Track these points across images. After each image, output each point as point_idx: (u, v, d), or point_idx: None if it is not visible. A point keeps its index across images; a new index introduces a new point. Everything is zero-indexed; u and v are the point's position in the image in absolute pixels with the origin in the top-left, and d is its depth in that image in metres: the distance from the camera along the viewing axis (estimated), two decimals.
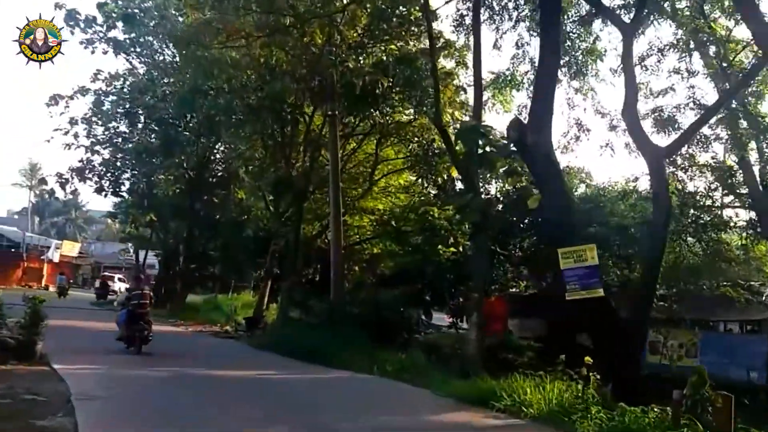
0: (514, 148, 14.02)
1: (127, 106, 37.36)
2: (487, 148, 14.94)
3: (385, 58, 22.95)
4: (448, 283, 20.63)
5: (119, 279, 60.26)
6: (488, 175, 19.09)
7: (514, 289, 25.03)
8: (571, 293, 11.41)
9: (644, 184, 22.87)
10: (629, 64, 15.18)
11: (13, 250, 49.83)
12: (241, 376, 14.94)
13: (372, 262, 32.67)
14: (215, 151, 38.36)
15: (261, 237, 38.09)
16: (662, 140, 20.90)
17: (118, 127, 39.75)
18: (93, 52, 35.74)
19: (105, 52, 36.05)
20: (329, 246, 34.08)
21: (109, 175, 42.45)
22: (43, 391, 10.67)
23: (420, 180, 29.66)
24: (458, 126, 21.58)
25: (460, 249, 20.22)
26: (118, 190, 44.36)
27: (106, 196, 45.87)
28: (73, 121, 37.05)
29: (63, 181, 37.78)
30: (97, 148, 39.34)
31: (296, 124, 26.94)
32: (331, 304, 21.07)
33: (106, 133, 39.54)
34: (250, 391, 12.95)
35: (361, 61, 23.33)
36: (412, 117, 26.76)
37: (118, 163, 42.81)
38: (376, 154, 28.91)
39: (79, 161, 37.75)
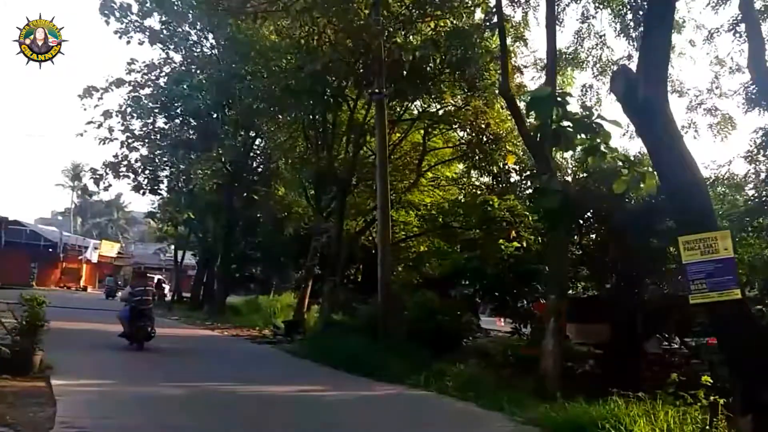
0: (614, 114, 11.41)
1: (163, 98, 35.39)
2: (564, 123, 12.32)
3: (434, 33, 20.39)
4: (510, 283, 17.88)
5: (159, 280, 58.91)
6: (561, 155, 16.35)
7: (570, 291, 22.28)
8: (697, 295, 8.60)
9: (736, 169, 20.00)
10: (751, 10, 12.42)
11: (51, 250, 48.48)
12: (275, 395, 12.47)
13: (418, 261, 30.16)
14: (255, 146, 36.23)
15: (302, 236, 36.20)
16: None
17: (155, 122, 37.91)
18: (128, 43, 33.85)
19: (141, 43, 34.06)
20: (373, 244, 31.84)
21: (147, 172, 41.02)
22: (22, 419, 8.39)
23: (471, 171, 27.02)
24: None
25: (524, 244, 17.50)
26: (156, 188, 42.84)
27: (144, 194, 44.36)
28: (107, 114, 35.06)
29: (97, 177, 35.82)
30: (135, 144, 37.40)
31: (339, 109, 24.50)
32: (378, 307, 18.48)
33: (144, 129, 37.67)
34: (285, 417, 10.43)
35: (410, 38, 20.82)
36: (463, 101, 24.23)
37: (156, 160, 41.35)
38: (424, 142, 26.40)
39: (114, 156, 35.79)
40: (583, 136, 12.22)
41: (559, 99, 12.15)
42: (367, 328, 18.37)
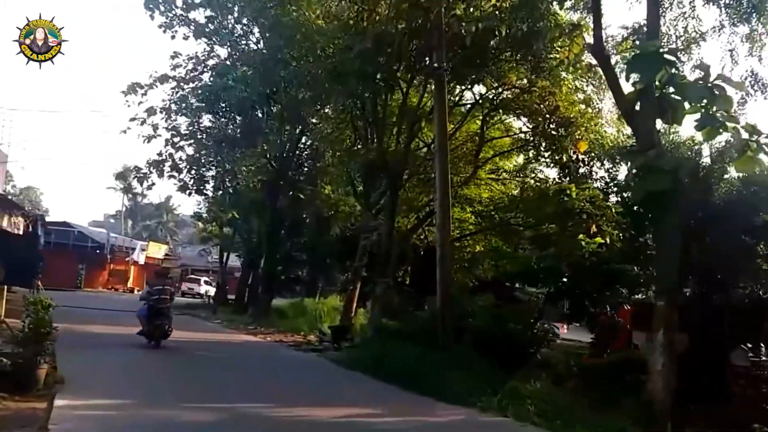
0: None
1: (207, 94, 33.71)
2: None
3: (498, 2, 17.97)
4: (591, 285, 15.26)
5: (205, 282, 57.61)
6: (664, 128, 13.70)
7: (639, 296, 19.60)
8: None
9: None
10: None
11: (98, 251, 47.38)
12: (320, 421, 10.20)
13: (472, 262, 27.79)
14: (300, 144, 34.24)
15: (348, 236, 34.38)
16: None
17: (200, 120, 36.35)
18: (173, 37, 32.26)
19: (186, 37, 32.51)
20: (423, 243, 29.47)
21: (193, 172, 39.91)
22: None
23: (536, 161, 24.49)
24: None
25: (606, 240, 14.93)
26: (202, 188, 41.61)
27: (190, 194, 43.23)
28: (151, 111, 33.44)
29: (141, 176, 34.30)
30: (181, 143, 35.78)
31: (390, 93, 22.24)
32: (437, 312, 16.12)
33: (190, 128, 36.10)
34: None
35: (471, 10, 18.45)
36: (527, 83, 21.77)
37: (202, 160, 40.15)
38: (482, 132, 23.99)
39: (158, 154, 34.23)
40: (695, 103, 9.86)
41: (667, 57, 9.68)
42: (423, 336, 16.03)
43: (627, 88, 11.35)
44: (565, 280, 15.22)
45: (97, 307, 28.68)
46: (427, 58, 18.50)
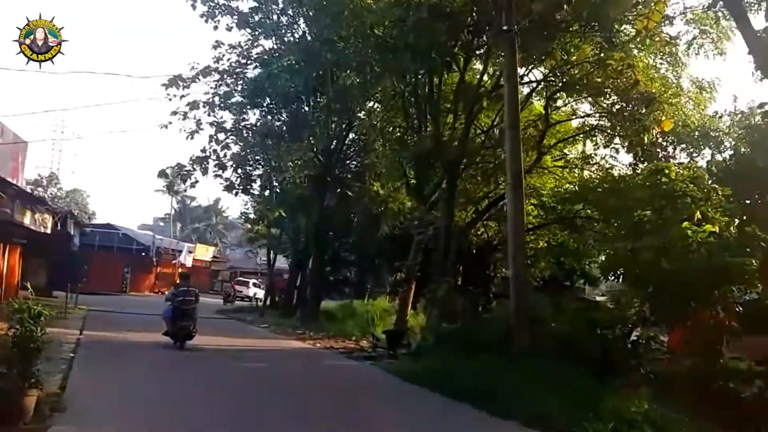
0: None
1: (252, 86, 31.87)
2: None
3: None
4: (698, 283, 12.56)
5: (254, 284, 56.03)
6: None
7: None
8: None
9: None
10: None
11: (143, 254, 46.10)
12: None
13: (534, 259, 25.39)
14: (348, 138, 32.12)
15: (398, 234, 32.38)
16: None
17: (245, 116, 34.59)
18: (216, 28, 30.54)
19: (229, 28, 30.78)
20: (480, 239, 27.08)
21: (239, 171, 38.54)
22: None
23: (607, 146, 21.91)
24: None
25: (716, 228, 12.33)
26: (248, 187, 40.07)
27: (236, 194, 41.75)
28: (194, 105, 31.66)
29: (184, 173, 32.53)
30: (226, 141, 33.96)
31: (447, 71, 19.91)
32: (511, 316, 13.72)
33: (235, 126, 34.35)
34: None
35: None
36: (597, 60, 19.23)
37: (249, 158, 38.68)
38: (546, 113, 21.52)
39: (201, 151, 32.48)
40: None
41: None
42: (495, 344, 13.64)
43: None
44: (664, 277, 12.58)
45: (133, 311, 27.09)
46: (488, 27, 16.08)
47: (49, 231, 18.26)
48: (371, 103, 24.70)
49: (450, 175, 19.37)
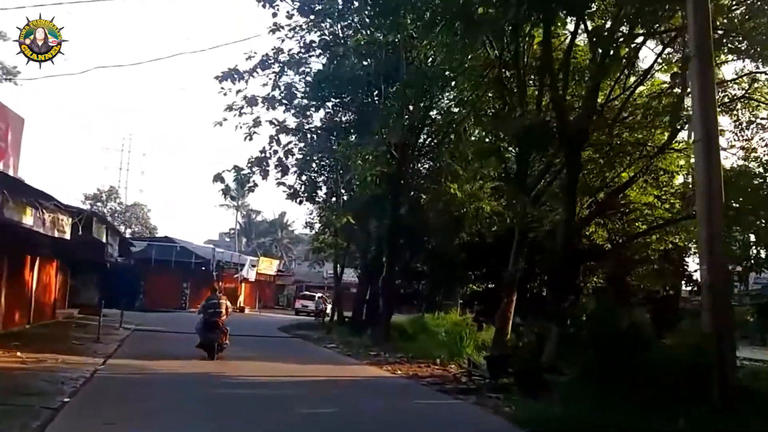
0: None
1: (316, 78, 27.85)
2: None
3: None
4: None
5: (320, 298, 52.04)
6: None
7: None
8: None
9: None
10: None
11: (203, 268, 42.46)
12: None
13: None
14: (424, 132, 27.54)
15: (475, 242, 29.29)
16: None
17: (309, 120, 30.73)
18: (275, 15, 26.66)
19: (290, 15, 26.86)
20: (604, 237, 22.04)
21: (303, 177, 35.12)
22: None
23: None
24: None
25: None
26: (313, 194, 36.37)
27: (300, 202, 38.10)
28: (252, 101, 27.64)
29: (242, 177, 28.49)
30: (289, 144, 29.91)
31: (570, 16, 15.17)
32: (706, 340, 8.79)
33: (298, 129, 30.45)
34: None
35: None
36: None
37: (313, 164, 35.06)
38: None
39: (260, 151, 28.51)
40: None
41: None
42: (680, 386, 8.75)
43: None
44: None
45: (183, 331, 23.30)
46: None
47: (68, 236, 14.05)
48: (455, 82, 20.09)
49: (571, 153, 14.55)
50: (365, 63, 24.23)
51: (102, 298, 33.34)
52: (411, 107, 24.08)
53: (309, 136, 32.77)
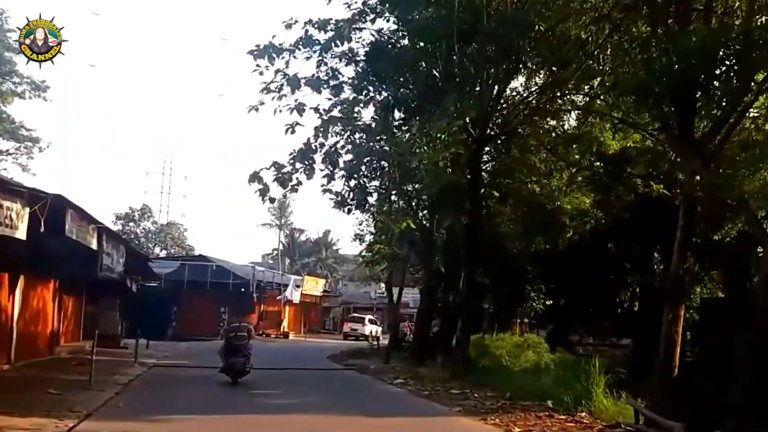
0: None
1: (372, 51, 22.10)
2: None
3: None
4: None
5: (370, 321, 46.26)
6: None
7: None
8: None
9: None
10: None
11: (243, 290, 36.97)
12: None
13: None
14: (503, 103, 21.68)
15: (547, 251, 25.82)
16: None
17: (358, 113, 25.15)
18: None
19: None
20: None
21: (352, 183, 29.91)
22: None
23: None
24: None
25: None
26: (364, 202, 30.98)
27: (349, 211, 32.46)
28: (293, 82, 21.77)
29: (283, 175, 22.57)
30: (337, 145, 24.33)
31: None
32: None
33: (345, 129, 24.92)
34: None
35: None
36: None
37: (363, 168, 29.75)
38: None
39: (305, 144, 22.58)
40: None
41: None
42: None
43: None
44: None
45: (209, 365, 18.07)
46: None
47: (21, 234, 8.44)
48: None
49: None
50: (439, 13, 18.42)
51: (126, 327, 28.24)
52: (492, 71, 18.30)
53: (358, 135, 27.68)
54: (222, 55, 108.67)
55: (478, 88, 18.48)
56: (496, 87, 19.17)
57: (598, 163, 20.23)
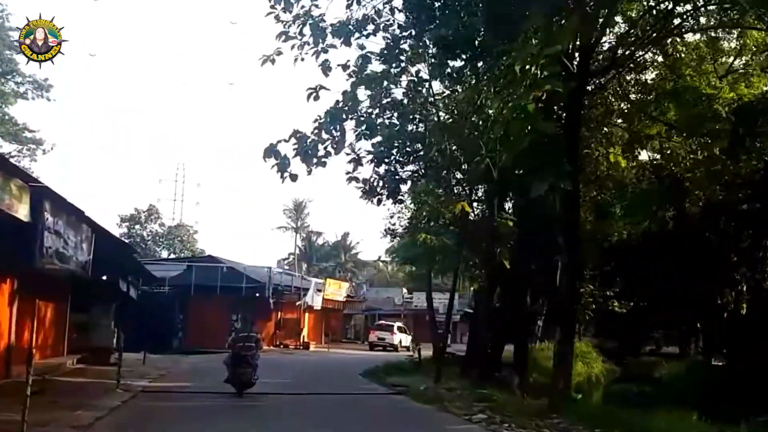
0: None
1: None
2: None
3: None
4: None
5: (399, 328, 41.01)
6: None
7: None
8: None
9: None
10: None
11: (257, 294, 31.77)
12: None
13: None
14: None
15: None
16: None
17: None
18: None
19: None
20: None
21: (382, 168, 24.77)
22: None
23: None
24: None
25: None
26: (397, 190, 26.07)
27: (379, 202, 27.54)
28: (319, 29, 16.43)
29: (306, 146, 17.20)
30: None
31: None
32: None
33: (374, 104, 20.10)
34: None
35: None
36: None
37: (394, 152, 24.82)
38: None
39: (334, 106, 17.27)
40: None
41: None
42: None
43: None
44: None
45: (213, 390, 13.12)
46: None
47: None
48: None
49: None
50: None
51: (124, 339, 23.63)
52: None
53: (387, 114, 22.76)
54: (230, 45, 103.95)
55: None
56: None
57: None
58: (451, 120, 19.47)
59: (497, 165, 12.26)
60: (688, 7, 13.30)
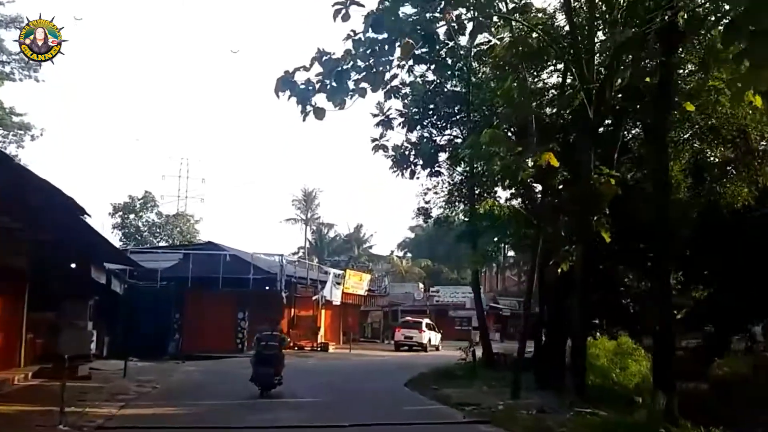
0: None
1: None
2: None
3: None
4: None
5: (428, 326, 35.80)
6: None
7: None
8: None
9: None
10: None
11: (267, 287, 26.61)
12: None
13: None
14: None
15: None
16: None
17: None
18: None
19: None
20: None
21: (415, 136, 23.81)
22: None
23: None
24: None
25: None
26: (434, 162, 23.92)
27: (412, 174, 24.05)
28: None
29: (331, 78, 12.14)
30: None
31: None
32: None
33: None
34: None
35: None
36: None
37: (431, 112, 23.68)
38: None
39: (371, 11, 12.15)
40: None
41: None
42: None
43: None
44: None
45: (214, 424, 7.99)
46: None
47: None
48: None
49: None
50: None
51: (108, 343, 18.87)
52: None
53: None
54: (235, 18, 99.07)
55: None
56: None
57: None
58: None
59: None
60: None
